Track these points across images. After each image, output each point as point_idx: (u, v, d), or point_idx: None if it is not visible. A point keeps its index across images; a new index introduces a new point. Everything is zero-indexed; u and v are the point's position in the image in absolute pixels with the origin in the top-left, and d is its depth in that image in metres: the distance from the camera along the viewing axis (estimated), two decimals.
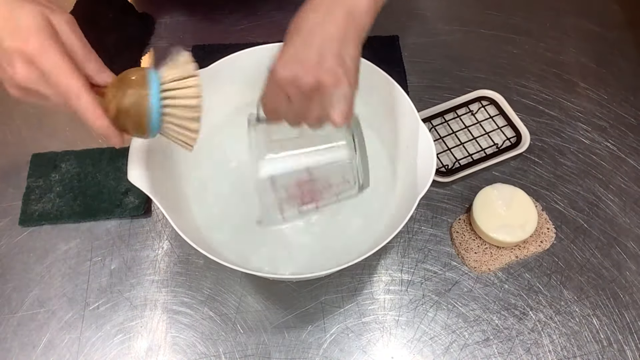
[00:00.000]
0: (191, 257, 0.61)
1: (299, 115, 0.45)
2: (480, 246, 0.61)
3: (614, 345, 0.56)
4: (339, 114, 0.44)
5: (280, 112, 0.46)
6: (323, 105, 0.44)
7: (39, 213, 0.62)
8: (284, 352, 0.56)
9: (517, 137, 0.68)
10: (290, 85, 0.43)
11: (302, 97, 0.44)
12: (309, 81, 0.42)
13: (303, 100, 0.44)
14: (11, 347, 0.56)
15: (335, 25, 0.44)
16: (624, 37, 0.79)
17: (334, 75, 0.42)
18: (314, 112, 0.44)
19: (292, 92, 0.44)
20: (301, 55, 0.43)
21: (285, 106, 0.45)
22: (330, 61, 0.43)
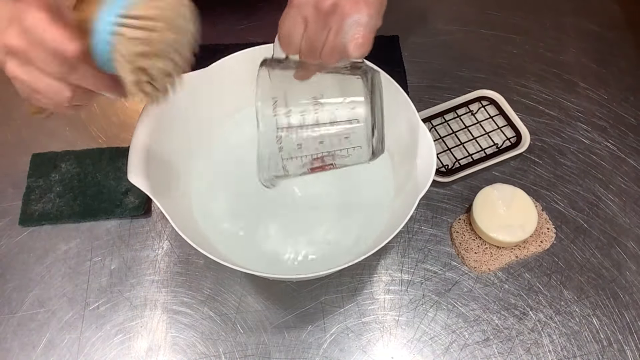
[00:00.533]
0: (191, 257, 0.61)
1: (314, 41, 0.44)
2: (480, 246, 0.61)
3: (614, 345, 0.56)
4: (354, 41, 0.43)
5: (294, 37, 0.44)
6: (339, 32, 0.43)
7: (39, 213, 0.62)
8: (284, 352, 0.56)
9: (517, 137, 0.68)
10: (308, 5, 0.43)
11: (318, 19, 0.43)
12: (328, 2, 0.42)
13: (319, 22, 0.43)
14: (11, 347, 0.56)
15: None
16: (624, 37, 0.79)
17: (355, 1, 0.42)
18: (330, 39, 0.43)
19: (309, 13, 0.43)
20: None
21: (301, 31, 0.44)
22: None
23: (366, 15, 0.43)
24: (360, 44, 0.43)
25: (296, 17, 0.44)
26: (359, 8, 0.43)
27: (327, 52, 0.44)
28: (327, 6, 0.42)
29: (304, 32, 0.44)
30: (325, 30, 0.44)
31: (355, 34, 0.43)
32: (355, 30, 0.43)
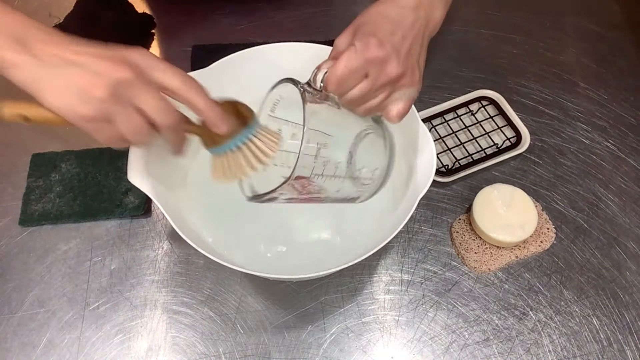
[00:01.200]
0: (191, 257, 0.61)
1: (367, 98, 0.44)
2: (480, 246, 0.61)
3: (614, 345, 0.56)
4: (398, 110, 0.46)
5: (349, 85, 0.44)
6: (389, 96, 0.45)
7: (39, 213, 0.62)
8: (284, 352, 0.56)
9: (517, 137, 0.68)
10: (377, 66, 0.43)
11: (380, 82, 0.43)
12: (397, 70, 0.43)
13: (378, 84, 0.44)
14: (11, 347, 0.56)
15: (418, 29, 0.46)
16: (624, 37, 0.79)
17: (413, 75, 0.45)
18: (379, 99, 0.45)
19: (374, 72, 0.43)
20: (396, 43, 0.43)
21: (358, 82, 0.44)
22: (413, 64, 0.45)
23: (415, 91, 0.46)
24: (402, 113, 0.46)
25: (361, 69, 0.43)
26: (414, 82, 0.45)
27: (369, 107, 0.45)
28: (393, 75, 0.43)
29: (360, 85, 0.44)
30: (380, 91, 0.45)
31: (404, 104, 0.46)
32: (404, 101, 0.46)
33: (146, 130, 0.39)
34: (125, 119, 0.38)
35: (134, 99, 0.38)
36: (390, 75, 0.43)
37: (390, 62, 0.43)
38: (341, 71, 0.43)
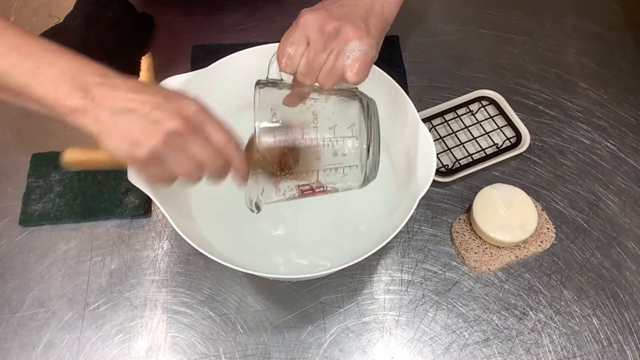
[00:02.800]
0: (191, 257, 0.61)
1: (314, 61, 0.45)
2: (480, 246, 0.61)
3: (614, 345, 0.56)
4: (354, 66, 0.45)
5: (295, 56, 0.45)
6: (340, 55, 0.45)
7: (39, 213, 0.62)
8: (284, 352, 0.56)
9: (517, 137, 0.68)
10: (312, 27, 0.45)
11: (321, 40, 0.45)
12: (332, 25, 0.44)
13: (321, 44, 0.45)
14: (11, 347, 0.56)
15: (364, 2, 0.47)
16: (624, 37, 0.79)
17: (357, 29, 0.45)
18: (330, 61, 0.45)
19: (312, 33, 0.45)
20: (332, 9, 0.46)
21: (302, 50, 0.45)
22: (358, 21, 0.45)
23: (367, 45, 0.45)
24: (359, 69, 0.45)
25: (299, 36, 0.45)
26: (361, 35, 0.45)
27: (325, 73, 0.45)
28: (331, 29, 0.44)
29: (305, 51, 0.45)
30: (326, 52, 0.45)
31: (356, 59, 0.45)
32: (356, 55, 0.45)
33: (196, 173, 0.42)
34: (177, 163, 0.41)
35: (185, 147, 0.41)
36: (327, 31, 0.44)
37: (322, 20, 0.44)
38: (282, 46, 0.46)
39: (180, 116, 0.40)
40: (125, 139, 0.39)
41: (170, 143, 0.40)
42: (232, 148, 0.43)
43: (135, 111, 0.39)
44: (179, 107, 0.40)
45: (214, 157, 0.42)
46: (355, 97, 0.48)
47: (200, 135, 0.41)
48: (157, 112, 0.39)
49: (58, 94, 0.39)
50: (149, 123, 0.39)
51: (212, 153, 0.42)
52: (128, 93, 0.40)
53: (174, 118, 0.40)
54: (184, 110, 0.40)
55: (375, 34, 0.46)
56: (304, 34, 0.45)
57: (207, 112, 0.42)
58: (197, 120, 0.41)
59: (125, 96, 0.40)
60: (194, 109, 0.41)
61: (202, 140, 0.41)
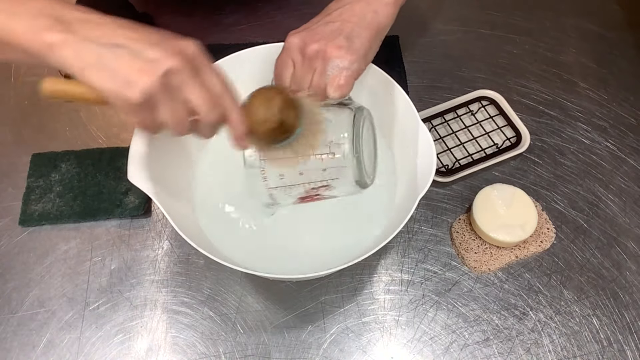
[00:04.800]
0: (191, 257, 0.61)
1: (300, 81, 0.48)
2: (480, 246, 0.61)
3: (614, 345, 0.56)
4: (334, 83, 0.47)
5: (284, 77, 0.49)
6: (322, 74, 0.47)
7: (39, 213, 0.62)
8: (284, 352, 0.56)
9: (517, 137, 0.68)
10: (296, 50, 0.48)
11: (304, 62, 0.47)
12: (313, 48, 0.47)
13: (305, 65, 0.47)
14: (11, 347, 0.56)
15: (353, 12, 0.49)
16: (624, 37, 0.79)
17: (337, 48, 0.46)
18: (314, 80, 0.47)
19: (296, 57, 0.48)
20: (315, 29, 0.48)
21: (289, 72, 0.49)
22: (340, 38, 0.47)
23: (347, 61, 0.47)
24: (338, 86, 0.47)
25: (286, 59, 0.49)
26: (341, 54, 0.47)
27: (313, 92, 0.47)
28: (311, 51, 0.47)
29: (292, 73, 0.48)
30: (310, 72, 0.48)
31: (336, 76, 0.47)
32: (336, 73, 0.47)
33: (187, 122, 0.39)
34: (170, 108, 0.37)
35: (182, 90, 0.37)
36: (308, 54, 0.47)
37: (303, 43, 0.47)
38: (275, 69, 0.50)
39: (176, 55, 0.36)
40: (115, 77, 0.35)
41: (165, 85, 0.36)
42: (229, 98, 0.40)
43: (126, 47, 0.35)
44: (178, 45, 0.37)
45: (210, 104, 0.38)
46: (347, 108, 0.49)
47: (198, 78, 0.38)
48: (153, 49, 0.36)
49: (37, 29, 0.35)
50: (142, 61, 0.35)
51: (208, 100, 0.38)
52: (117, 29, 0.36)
53: (171, 56, 0.36)
54: (182, 48, 0.37)
55: (359, 46, 0.48)
56: (289, 57, 0.48)
57: (205, 56, 0.39)
58: (195, 62, 0.38)
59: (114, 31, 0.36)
60: (194, 50, 0.38)
61: (200, 84, 0.38)
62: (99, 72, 0.35)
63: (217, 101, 0.39)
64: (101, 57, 0.35)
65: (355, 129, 0.47)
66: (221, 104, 0.39)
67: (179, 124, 0.39)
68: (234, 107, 0.40)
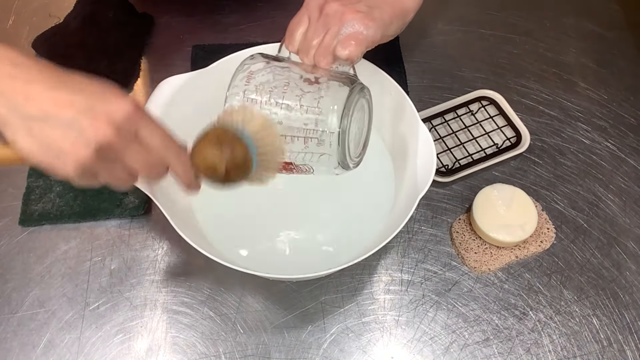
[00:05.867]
0: (191, 257, 0.61)
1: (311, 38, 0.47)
2: (480, 246, 0.61)
3: (614, 345, 0.56)
4: (343, 41, 0.46)
5: (296, 33, 0.48)
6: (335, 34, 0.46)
7: (39, 213, 0.62)
8: (284, 352, 0.56)
9: (517, 137, 0.68)
10: (315, 6, 0.47)
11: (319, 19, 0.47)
12: (332, 7, 0.46)
13: (320, 22, 0.47)
14: (11, 347, 0.56)
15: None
16: (624, 37, 0.79)
17: (356, 11, 0.46)
18: (325, 39, 0.46)
19: (313, 13, 0.47)
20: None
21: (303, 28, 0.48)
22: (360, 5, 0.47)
23: (363, 25, 0.46)
24: (348, 45, 0.45)
25: (302, 15, 0.48)
26: (359, 18, 0.46)
27: (320, 51, 0.46)
28: (330, 9, 0.46)
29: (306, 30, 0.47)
30: (324, 30, 0.46)
31: (348, 36, 0.46)
32: (348, 31, 0.46)
33: (131, 180, 0.39)
34: (108, 174, 0.37)
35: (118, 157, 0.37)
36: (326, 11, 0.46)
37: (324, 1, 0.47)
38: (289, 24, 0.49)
39: (110, 123, 0.34)
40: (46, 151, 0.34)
41: (101, 156, 0.35)
42: (172, 153, 0.39)
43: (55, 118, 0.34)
44: (109, 110, 0.35)
45: (149, 165, 0.38)
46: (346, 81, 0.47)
47: (135, 144, 0.37)
48: (83, 119, 0.34)
49: None
50: (73, 134, 0.34)
51: (148, 162, 0.38)
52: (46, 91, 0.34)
53: (102, 126, 0.34)
54: (114, 114, 0.35)
55: (378, 16, 0.47)
56: (306, 13, 0.48)
57: (141, 113, 0.37)
58: (130, 126, 0.36)
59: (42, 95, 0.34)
60: (125, 112, 0.35)
61: (137, 149, 0.37)
62: (30, 145, 0.34)
63: (157, 161, 0.39)
64: (30, 130, 0.34)
65: (347, 104, 0.45)
66: (162, 162, 0.39)
67: (122, 183, 0.39)
68: (176, 162, 0.40)
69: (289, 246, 0.58)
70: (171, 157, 0.39)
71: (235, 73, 0.48)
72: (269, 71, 0.47)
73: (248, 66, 0.48)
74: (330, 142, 0.45)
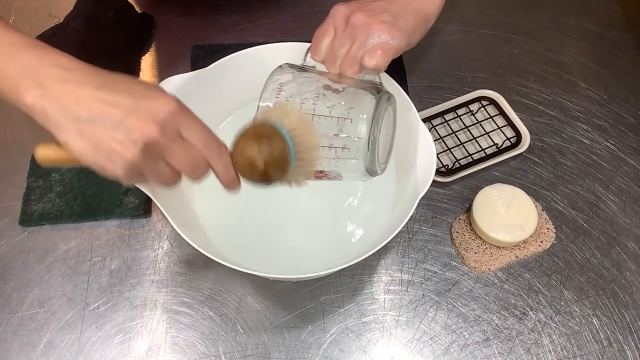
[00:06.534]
0: (191, 257, 0.61)
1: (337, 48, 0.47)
2: (480, 246, 0.61)
3: (614, 345, 0.56)
4: (371, 51, 0.46)
5: (322, 43, 0.48)
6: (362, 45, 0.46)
7: (39, 213, 0.62)
8: (284, 352, 0.56)
9: (517, 137, 0.68)
10: (341, 18, 0.48)
11: (346, 29, 0.47)
12: (359, 17, 0.47)
13: (346, 33, 0.47)
14: (11, 347, 0.56)
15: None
16: (624, 37, 0.79)
17: (382, 22, 0.46)
18: (352, 49, 0.47)
19: (339, 24, 0.48)
20: (363, 3, 0.49)
21: (329, 38, 0.48)
22: (385, 15, 0.47)
23: (389, 35, 0.46)
24: (376, 55, 0.46)
25: (328, 25, 0.48)
26: (385, 28, 0.46)
27: (347, 61, 0.47)
28: (357, 20, 0.47)
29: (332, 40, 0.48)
30: (350, 40, 0.47)
31: (375, 46, 0.46)
32: (375, 42, 0.46)
33: (176, 179, 0.40)
34: (154, 172, 0.39)
35: (163, 156, 0.38)
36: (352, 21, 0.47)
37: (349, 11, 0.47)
38: (314, 35, 0.49)
39: (155, 122, 0.36)
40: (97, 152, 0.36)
41: (147, 154, 0.37)
42: (213, 151, 0.40)
43: (103, 119, 0.35)
44: (153, 109, 0.36)
45: (193, 164, 0.39)
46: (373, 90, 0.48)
47: (178, 142, 0.38)
48: (130, 119, 0.36)
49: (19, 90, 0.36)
50: (121, 134, 0.36)
51: (191, 160, 0.39)
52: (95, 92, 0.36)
53: (147, 125, 0.36)
54: (159, 113, 0.37)
55: (403, 26, 0.48)
56: (332, 24, 0.48)
57: (184, 111, 0.38)
58: (174, 124, 0.37)
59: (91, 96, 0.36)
60: (169, 110, 0.37)
61: (180, 147, 0.38)
62: (82, 146, 0.36)
63: (200, 160, 0.39)
64: (80, 131, 0.36)
65: (377, 113, 0.46)
66: (205, 161, 0.40)
67: (168, 182, 0.40)
68: (217, 160, 0.40)
69: (289, 246, 0.58)
70: (212, 154, 0.40)
71: (265, 85, 0.48)
72: (300, 82, 0.48)
73: (278, 78, 0.48)
74: (359, 149, 0.46)
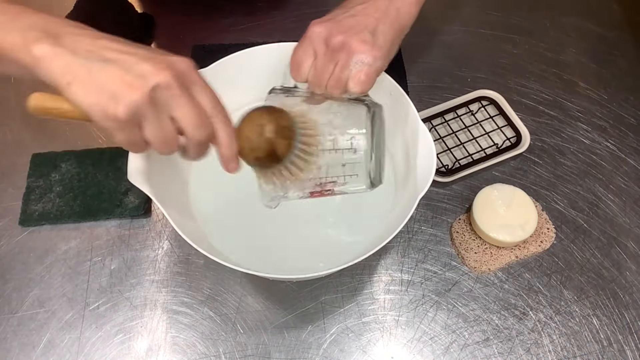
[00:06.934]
0: (191, 257, 0.61)
1: (321, 72, 0.47)
2: (480, 246, 0.61)
3: (614, 345, 0.56)
4: (356, 78, 0.46)
5: (304, 66, 0.48)
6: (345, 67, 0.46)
7: (39, 213, 0.62)
8: (284, 352, 0.56)
9: (517, 137, 0.68)
10: (319, 40, 0.46)
11: (327, 52, 0.46)
12: (338, 39, 0.45)
13: (327, 56, 0.46)
14: (11, 347, 0.56)
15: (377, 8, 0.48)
16: (624, 37, 0.79)
17: (362, 42, 0.45)
18: (336, 72, 0.46)
19: (319, 47, 0.47)
20: (341, 21, 0.47)
21: (310, 61, 0.47)
22: (364, 33, 0.46)
23: (371, 56, 0.46)
24: (360, 81, 0.46)
25: (307, 48, 0.47)
26: (366, 49, 0.46)
27: (332, 84, 0.47)
28: (336, 42, 0.46)
29: (313, 63, 0.47)
30: (332, 63, 0.46)
31: (359, 71, 0.46)
32: (359, 68, 0.46)
33: (174, 141, 0.38)
34: (156, 125, 0.36)
35: (170, 106, 0.36)
36: (332, 45, 0.46)
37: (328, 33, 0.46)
38: (292, 57, 0.48)
39: (170, 69, 0.35)
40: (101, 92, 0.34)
41: (154, 99, 0.35)
42: (219, 118, 0.39)
43: (116, 61, 0.34)
44: (170, 60, 0.36)
45: (198, 122, 0.37)
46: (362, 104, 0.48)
47: (187, 95, 0.36)
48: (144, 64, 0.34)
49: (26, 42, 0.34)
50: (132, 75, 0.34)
51: (197, 118, 0.37)
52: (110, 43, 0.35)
53: (162, 70, 0.35)
54: (175, 63, 0.36)
55: (382, 43, 0.47)
56: (311, 46, 0.47)
57: (197, 72, 0.38)
58: (187, 77, 0.36)
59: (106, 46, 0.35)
60: (186, 65, 0.37)
61: (188, 101, 0.36)
62: (85, 86, 0.34)
63: (205, 120, 0.38)
64: (90, 72, 0.34)
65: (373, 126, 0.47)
66: (210, 123, 0.38)
67: (165, 142, 0.37)
68: (223, 127, 0.39)
69: (289, 246, 0.58)
70: (219, 119, 0.39)
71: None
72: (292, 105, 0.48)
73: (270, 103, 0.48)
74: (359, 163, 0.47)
